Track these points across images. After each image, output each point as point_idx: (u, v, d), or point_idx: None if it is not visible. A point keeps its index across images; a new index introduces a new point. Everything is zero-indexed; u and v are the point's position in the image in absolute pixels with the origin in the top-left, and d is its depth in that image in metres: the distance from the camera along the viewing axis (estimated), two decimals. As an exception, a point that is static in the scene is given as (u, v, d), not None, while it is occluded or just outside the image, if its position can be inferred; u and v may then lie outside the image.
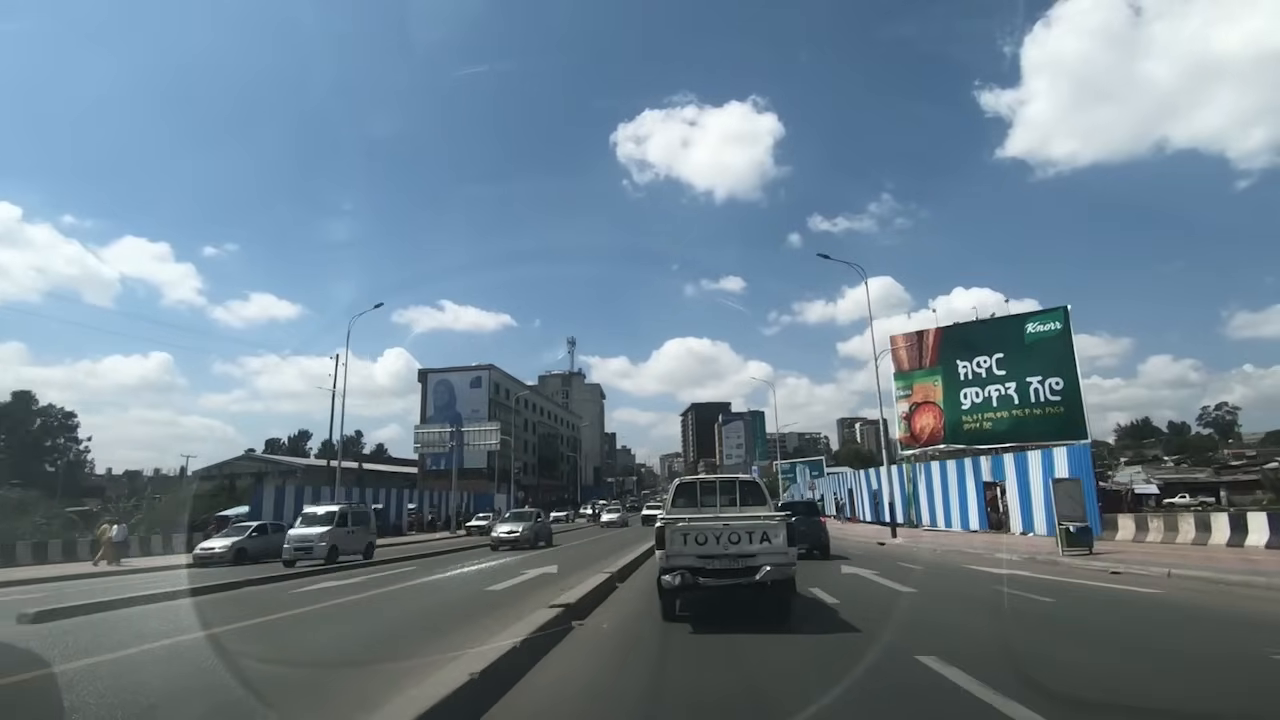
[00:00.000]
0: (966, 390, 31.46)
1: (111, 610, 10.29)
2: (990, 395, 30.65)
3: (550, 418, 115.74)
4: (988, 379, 30.83)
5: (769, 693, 5.07)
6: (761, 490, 9.57)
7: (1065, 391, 28.46)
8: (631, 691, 5.20)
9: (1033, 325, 29.79)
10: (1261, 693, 5.01)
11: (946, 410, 32.07)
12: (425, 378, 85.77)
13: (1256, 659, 5.94)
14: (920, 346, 33.26)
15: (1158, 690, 5.11)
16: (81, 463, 73.66)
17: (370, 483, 55.94)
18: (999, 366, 30.53)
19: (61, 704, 4.57)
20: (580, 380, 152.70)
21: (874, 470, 38.68)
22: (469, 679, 4.30)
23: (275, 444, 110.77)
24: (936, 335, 32.92)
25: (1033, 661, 5.66)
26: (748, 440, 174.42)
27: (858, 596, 10.28)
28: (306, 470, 70.68)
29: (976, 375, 31.22)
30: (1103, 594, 10.56)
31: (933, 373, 32.87)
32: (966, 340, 31.78)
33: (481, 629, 7.02)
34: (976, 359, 31.20)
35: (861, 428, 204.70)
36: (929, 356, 33.04)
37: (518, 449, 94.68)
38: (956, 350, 32.03)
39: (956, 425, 31.61)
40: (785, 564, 7.59)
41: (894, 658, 5.83)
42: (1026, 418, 29.31)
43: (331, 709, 4.66)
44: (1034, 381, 29.28)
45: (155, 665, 6.38)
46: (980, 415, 30.92)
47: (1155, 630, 7.66)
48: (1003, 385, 30.30)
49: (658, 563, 7.86)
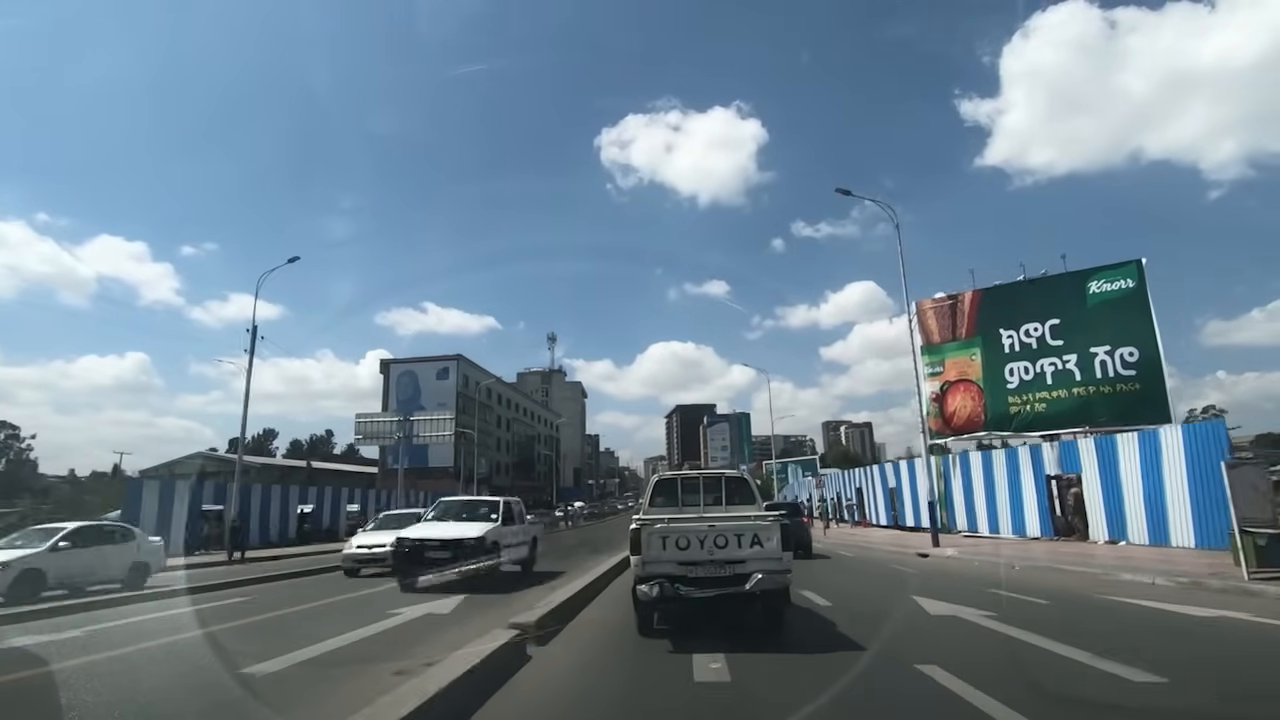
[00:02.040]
0: (1013, 365, 25.68)
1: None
2: (1043, 370, 24.89)
3: (528, 415, 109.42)
4: (1040, 350, 25.07)
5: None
6: (750, 487, 8.73)
7: (1142, 364, 22.77)
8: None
9: (1097, 284, 24.09)
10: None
11: (987, 390, 26.28)
12: (388, 369, 79.03)
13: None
14: (954, 313, 27.45)
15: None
16: (23, 461, 69.19)
17: (325, 482, 50.54)
18: (1054, 335, 24.79)
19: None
20: (561, 378, 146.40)
21: (890, 465, 32.79)
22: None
23: (238, 443, 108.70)
24: (974, 299, 27.14)
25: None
26: (733, 442, 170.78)
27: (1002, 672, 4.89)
28: (261, 469, 65.96)
29: (1025, 347, 25.45)
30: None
31: (969, 345, 27.06)
32: (1012, 304, 26.02)
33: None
34: (1025, 326, 25.44)
35: (847, 431, 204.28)
36: (964, 325, 27.24)
37: (490, 447, 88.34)
38: (999, 316, 26.25)
39: (1000, 407, 25.81)
40: (779, 571, 6.63)
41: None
42: (1092, 397, 23.58)
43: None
44: (1100, 352, 23.56)
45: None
46: (1030, 395, 25.14)
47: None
48: (1059, 358, 24.56)
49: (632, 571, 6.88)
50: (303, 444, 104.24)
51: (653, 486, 8.85)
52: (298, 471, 70.25)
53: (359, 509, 41.07)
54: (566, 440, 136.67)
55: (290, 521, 34.12)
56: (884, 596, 10.75)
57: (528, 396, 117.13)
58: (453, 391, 75.16)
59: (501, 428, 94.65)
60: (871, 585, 12.84)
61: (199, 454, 75.79)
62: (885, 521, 32.49)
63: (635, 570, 6.80)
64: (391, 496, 43.92)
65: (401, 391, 75.69)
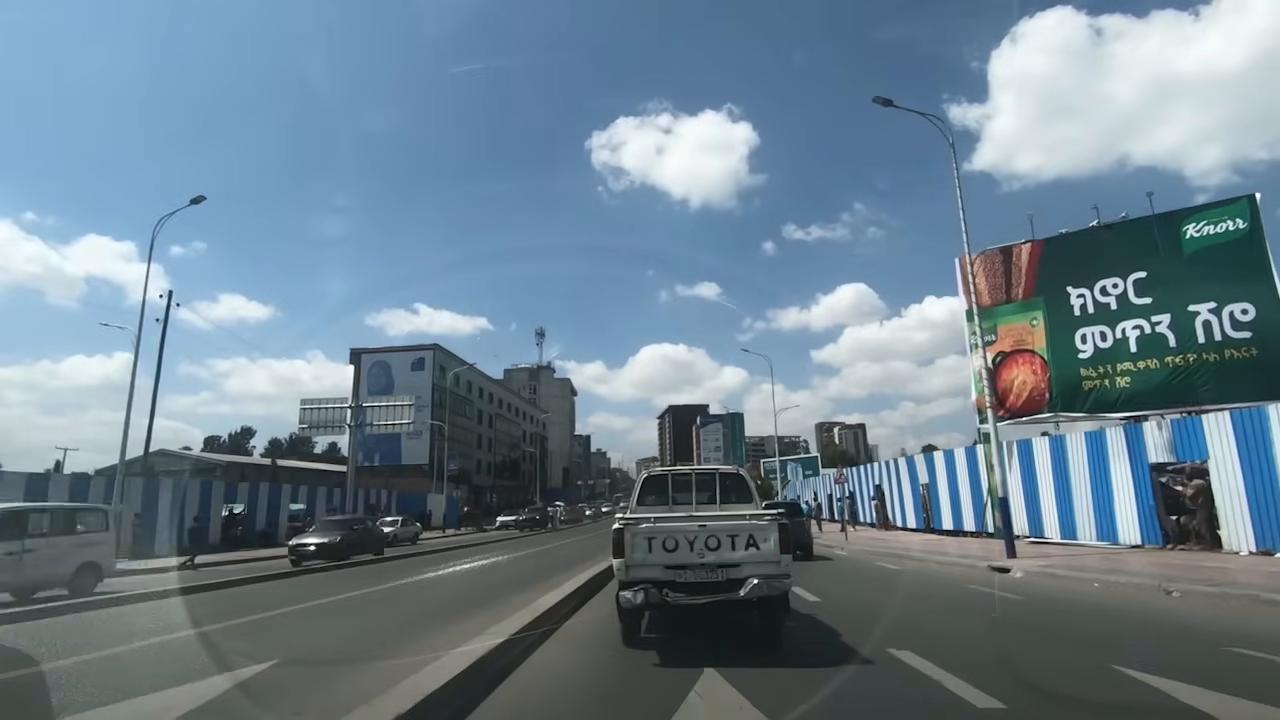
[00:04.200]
0: (1085, 330, 20.78)
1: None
2: (1125, 336, 20.01)
3: (513, 411, 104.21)
4: (1121, 311, 20.18)
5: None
6: (747, 484, 7.79)
7: (1259, 323, 17.94)
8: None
9: (1195, 227, 19.26)
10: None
11: (1053, 362, 21.37)
12: (359, 359, 73.58)
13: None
14: (1007, 269, 22.50)
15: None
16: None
17: (291, 480, 45.81)
18: (1140, 291, 19.92)
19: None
20: (549, 374, 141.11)
21: (921, 457, 27.78)
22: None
23: (214, 442, 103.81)
24: (1034, 252, 22.23)
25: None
26: (727, 442, 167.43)
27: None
28: (226, 468, 62.39)
29: (1101, 307, 20.56)
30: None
31: (1028, 307, 22.14)
32: (1083, 256, 21.12)
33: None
34: (1101, 283, 20.56)
35: (840, 431, 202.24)
36: (1021, 283, 22.32)
37: (470, 444, 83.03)
38: (1066, 271, 21.35)
39: (1070, 383, 20.91)
40: (776, 576, 5.98)
41: None
42: (1192, 366, 18.71)
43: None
44: (1202, 310, 18.71)
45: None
46: (1109, 366, 20.25)
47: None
48: (1147, 319, 19.69)
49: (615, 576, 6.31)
50: (282, 443, 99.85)
51: (641, 483, 8.13)
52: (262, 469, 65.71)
53: (305, 508, 35.83)
54: (555, 439, 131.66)
55: (211, 524, 28.78)
56: (1023, 654, 5.75)
57: (514, 393, 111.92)
58: (428, 383, 69.88)
59: (484, 424, 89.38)
60: (958, 621, 7.85)
61: (157, 452, 71.87)
62: (915, 524, 27.52)
63: (618, 575, 6.26)
64: (346, 496, 38.55)
65: (374, 383, 70.43)
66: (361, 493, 44.30)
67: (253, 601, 10.84)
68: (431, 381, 69.95)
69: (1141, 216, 20.39)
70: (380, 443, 70.87)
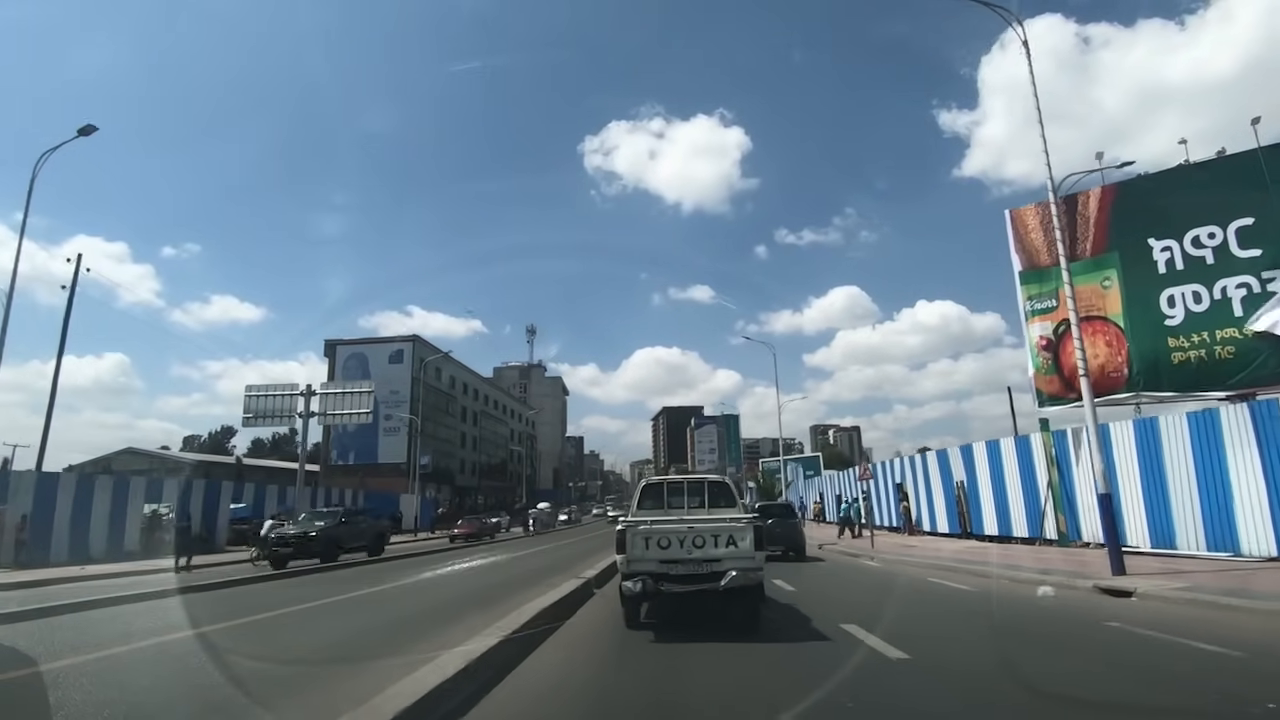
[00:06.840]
0: (1173, 291, 16.92)
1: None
2: (1227, 296, 16.15)
3: (501, 409, 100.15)
4: (1220, 266, 16.33)
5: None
6: (731, 491, 9.13)
7: None
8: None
9: (1317, 159, 15.46)
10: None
11: (1131, 330, 17.51)
12: (334, 350, 69.40)
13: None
14: (1071, 221, 18.57)
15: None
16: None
17: (256, 478, 42.86)
18: (1245, 243, 16.07)
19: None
20: (540, 373, 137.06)
21: (958, 449, 23.76)
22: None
23: (194, 441, 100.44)
24: (1104, 198, 18.39)
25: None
26: (721, 444, 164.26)
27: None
28: (196, 466, 60.13)
29: (1194, 262, 16.72)
30: None
31: (1098, 265, 18.27)
32: (1169, 201, 17.26)
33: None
34: (1194, 233, 16.72)
35: (835, 434, 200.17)
36: (1090, 237, 18.48)
37: (453, 442, 78.87)
38: (1147, 220, 17.50)
39: (1154, 355, 17.06)
40: (751, 569, 7.12)
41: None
42: (1321, 332, 14.88)
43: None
44: (1327, 263, 14.90)
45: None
46: (1205, 334, 16.39)
47: None
48: (1257, 275, 15.83)
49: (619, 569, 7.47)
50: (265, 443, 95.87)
51: (640, 491, 9.32)
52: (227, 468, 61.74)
53: (247, 508, 31.67)
54: (545, 439, 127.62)
55: (127, 526, 24.60)
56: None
57: (503, 391, 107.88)
58: (406, 377, 65.73)
59: (469, 422, 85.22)
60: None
61: (126, 450, 67.89)
62: (948, 528, 23.58)
63: (621, 568, 7.34)
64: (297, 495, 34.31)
65: (349, 376, 66.04)
66: (322, 491, 40.26)
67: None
68: (411, 375, 65.78)
69: (1243, 151, 16.57)
70: (354, 440, 66.77)
